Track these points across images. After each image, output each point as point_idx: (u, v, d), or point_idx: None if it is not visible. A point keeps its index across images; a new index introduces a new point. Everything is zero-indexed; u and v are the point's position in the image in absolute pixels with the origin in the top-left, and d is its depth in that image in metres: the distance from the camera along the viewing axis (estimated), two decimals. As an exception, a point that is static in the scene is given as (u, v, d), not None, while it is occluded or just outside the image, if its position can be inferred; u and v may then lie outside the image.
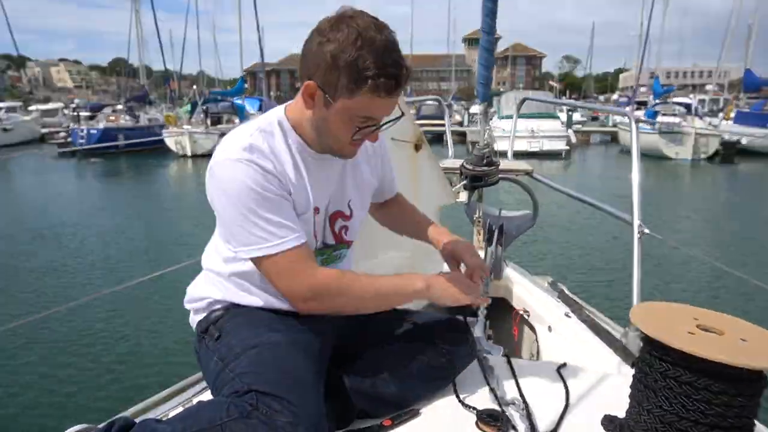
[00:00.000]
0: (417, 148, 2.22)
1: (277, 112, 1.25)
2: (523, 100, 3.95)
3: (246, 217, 1.13)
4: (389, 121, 1.20)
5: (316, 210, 1.26)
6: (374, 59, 1.06)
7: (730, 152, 21.90)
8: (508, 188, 2.71)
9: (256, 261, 1.17)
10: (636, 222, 1.81)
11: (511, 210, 2.52)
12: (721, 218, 11.07)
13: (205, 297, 1.33)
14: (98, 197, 14.28)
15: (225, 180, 1.13)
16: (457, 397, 1.32)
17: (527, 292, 2.26)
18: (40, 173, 19.01)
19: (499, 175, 2.40)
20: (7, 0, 27.89)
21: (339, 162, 1.29)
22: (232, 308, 1.29)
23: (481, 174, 2.34)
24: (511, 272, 2.40)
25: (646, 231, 1.81)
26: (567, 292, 2.24)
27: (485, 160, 2.34)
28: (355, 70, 1.06)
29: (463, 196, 2.47)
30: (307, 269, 1.18)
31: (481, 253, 2.36)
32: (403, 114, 1.23)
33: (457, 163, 2.50)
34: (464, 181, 2.40)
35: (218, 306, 1.31)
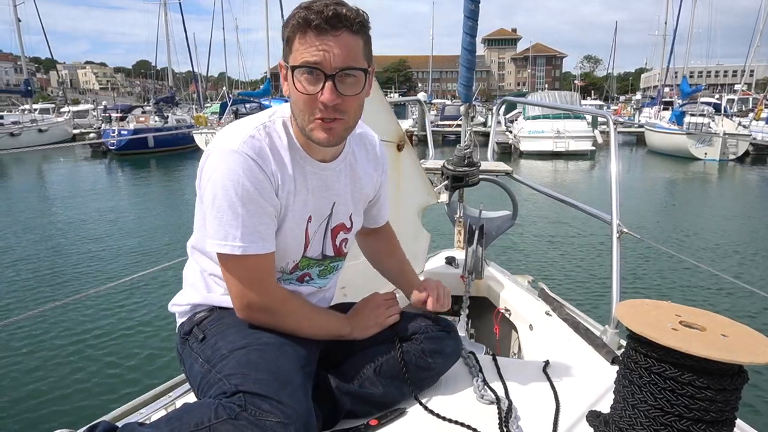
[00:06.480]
0: (399, 148, 2.24)
1: (284, 110, 1.23)
2: (503, 102, 3.96)
3: (225, 210, 1.12)
4: (344, 70, 1.10)
5: (309, 219, 1.24)
6: (299, 9, 1.08)
7: (762, 153, 21.25)
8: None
9: (219, 255, 1.17)
10: (615, 221, 1.82)
11: (491, 210, 2.53)
12: (739, 220, 10.79)
13: (189, 298, 1.32)
14: (128, 194, 14.62)
15: (219, 167, 1.11)
16: (444, 395, 1.33)
17: (508, 291, 2.26)
18: (73, 172, 19.64)
19: (480, 176, 2.40)
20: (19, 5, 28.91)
21: (340, 172, 1.28)
22: (217, 310, 1.28)
23: (462, 174, 2.34)
24: (491, 272, 2.41)
25: (625, 230, 1.83)
26: (547, 290, 2.24)
27: (466, 161, 2.34)
28: (287, 25, 1.11)
29: (445, 197, 2.48)
30: (262, 282, 1.18)
31: (463, 253, 2.38)
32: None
33: (438, 163, 2.50)
34: (445, 182, 2.41)
35: (202, 308, 1.30)
